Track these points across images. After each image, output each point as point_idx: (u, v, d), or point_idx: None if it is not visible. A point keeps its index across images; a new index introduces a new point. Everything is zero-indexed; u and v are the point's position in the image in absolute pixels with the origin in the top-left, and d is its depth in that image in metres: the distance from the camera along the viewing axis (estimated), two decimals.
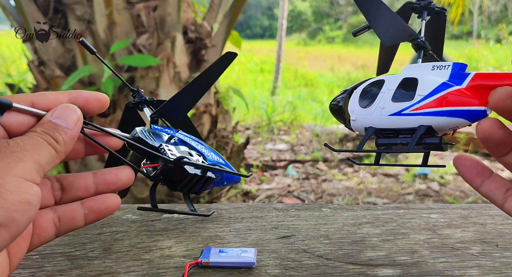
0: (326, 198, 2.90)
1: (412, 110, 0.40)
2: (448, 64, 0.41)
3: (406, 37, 0.44)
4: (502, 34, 11.01)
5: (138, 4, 2.30)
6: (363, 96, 0.44)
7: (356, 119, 0.44)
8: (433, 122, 0.39)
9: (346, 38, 21.08)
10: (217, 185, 0.54)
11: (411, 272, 0.47)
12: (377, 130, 0.42)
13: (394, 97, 0.41)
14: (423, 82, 0.40)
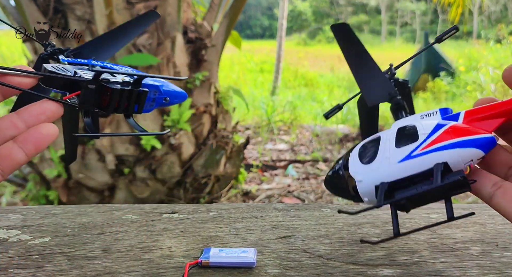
0: (326, 198, 2.90)
1: (422, 149, 0.37)
2: (435, 111, 0.40)
3: (386, 95, 0.42)
4: (502, 34, 11.00)
5: (138, 4, 2.30)
6: (363, 154, 0.40)
7: (363, 180, 0.39)
8: (447, 157, 0.36)
9: None
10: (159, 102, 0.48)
11: (411, 272, 0.47)
12: (390, 185, 0.38)
13: (397, 144, 0.38)
14: (421, 125, 0.38)
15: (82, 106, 0.42)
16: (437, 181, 0.35)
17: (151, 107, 0.47)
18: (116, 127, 2.24)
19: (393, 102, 0.42)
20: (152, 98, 0.47)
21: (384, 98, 0.42)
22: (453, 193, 0.37)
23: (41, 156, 2.40)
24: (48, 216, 0.60)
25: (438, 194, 0.37)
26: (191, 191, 2.41)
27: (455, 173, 0.36)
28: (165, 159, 2.31)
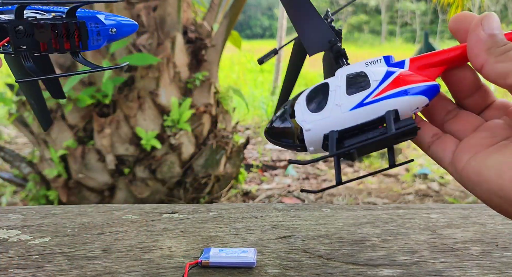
0: (326, 198, 2.90)
1: (374, 97, 0.37)
2: (379, 58, 0.39)
3: (327, 43, 0.40)
4: None
5: (138, 4, 2.30)
6: (310, 102, 0.39)
7: (312, 128, 0.38)
8: (398, 105, 0.36)
9: (346, 38, 21.06)
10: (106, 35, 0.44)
11: (411, 272, 0.47)
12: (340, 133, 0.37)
13: (348, 91, 0.37)
14: (371, 71, 0.38)
15: (17, 52, 0.38)
16: (391, 129, 0.35)
17: (99, 42, 0.43)
18: (116, 127, 2.24)
19: (334, 50, 0.40)
20: (96, 32, 0.43)
21: (325, 47, 0.41)
22: (399, 140, 0.37)
23: (41, 156, 2.40)
24: (48, 216, 0.60)
25: (387, 142, 0.37)
26: (191, 191, 2.41)
27: (406, 120, 0.36)
28: (165, 159, 2.31)
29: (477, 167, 0.35)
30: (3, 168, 3.16)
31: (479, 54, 0.36)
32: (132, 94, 2.25)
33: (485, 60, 0.35)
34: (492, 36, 0.36)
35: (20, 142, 4.08)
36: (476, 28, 0.37)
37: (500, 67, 0.34)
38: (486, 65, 0.35)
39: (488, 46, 0.35)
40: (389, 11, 22.67)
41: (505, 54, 0.35)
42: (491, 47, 0.35)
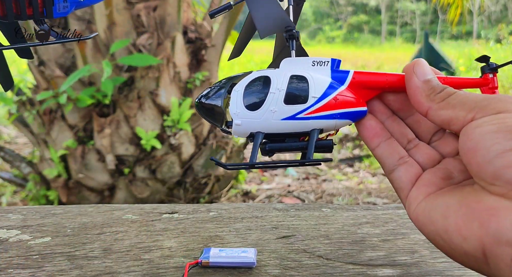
0: (326, 198, 2.90)
1: (307, 114, 0.38)
2: (327, 60, 0.41)
3: (282, 28, 0.40)
4: (502, 34, 11.01)
5: (138, 4, 2.30)
6: (248, 96, 0.39)
7: (242, 123, 0.39)
8: (325, 125, 0.39)
9: (346, 38, 21.08)
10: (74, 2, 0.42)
11: (411, 272, 0.47)
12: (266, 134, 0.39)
13: (286, 100, 0.38)
14: (313, 81, 0.39)
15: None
16: (311, 146, 0.38)
17: (66, 10, 0.41)
18: (116, 127, 2.24)
19: (289, 34, 0.41)
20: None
21: (279, 31, 0.42)
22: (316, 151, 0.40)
23: (41, 156, 2.40)
24: (48, 216, 0.60)
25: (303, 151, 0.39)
26: (191, 191, 2.41)
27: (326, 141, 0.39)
28: (165, 159, 2.31)
29: (427, 208, 0.36)
30: (3, 168, 3.16)
31: (420, 102, 0.37)
32: (132, 94, 2.25)
33: (428, 107, 0.37)
34: (427, 82, 0.38)
35: (20, 142, 4.08)
36: (410, 76, 0.38)
37: (443, 114, 0.36)
38: (430, 112, 0.37)
39: (426, 92, 0.37)
40: (389, 11, 22.67)
41: (445, 101, 0.36)
42: (430, 93, 0.37)
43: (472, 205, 0.32)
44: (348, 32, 22.29)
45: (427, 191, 0.37)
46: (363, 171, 3.55)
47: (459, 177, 0.38)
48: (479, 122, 0.33)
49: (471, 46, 10.60)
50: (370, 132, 0.40)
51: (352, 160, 3.80)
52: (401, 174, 0.39)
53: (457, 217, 0.33)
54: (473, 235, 0.31)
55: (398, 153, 0.40)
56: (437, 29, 18.65)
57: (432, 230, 0.35)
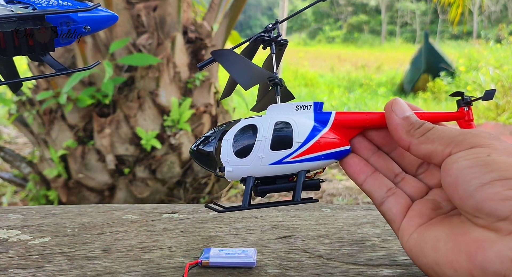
0: (326, 198, 2.90)
1: (293, 158, 0.41)
2: (309, 104, 0.43)
3: (264, 79, 0.44)
4: (502, 34, 11.01)
5: (138, 4, 2.30)
6: (237, 144, 0.42)
7: (233, 170, 0.42)
8: (311, 166, 0.42)
9: (346, 38, 21.09)
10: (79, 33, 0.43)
11: (411, 272, 0.47)
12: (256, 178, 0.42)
13: (272, 146, 0.41)
14: (297, 126, 0.42)
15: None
16: (299, 186, 0.41)
17: (69, 40, 0.42)
18: (116, 127, 2.24)
19: (272, 83, 0.44)
20: (67, 30, 0.41)
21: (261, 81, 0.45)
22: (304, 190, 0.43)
23: (41, 156, 2.40)
24: (48, 216, 0.60)
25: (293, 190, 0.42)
26: (191, 191, 2.41)
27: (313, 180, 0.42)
28: (165, 159, 2.31)
29: (418, 240, 0.37)
30: (3, 168, 3.16)
31: (401, 138, 0.39)
32: (132, 94, 2.25)
33: (409, 142, 0.39)
34: (406, 119, 0.40)
35: (20, 142, 4.08)
36: (390, 115, 0.41)
37: (423, 148, 0.38)
38: (411, 147, 0.39)
39: (406, 129, 0.39)
40: (389, 11, 22.67)
41: (425, 136, 0.38)
42: (409, 129, 0.39)
43: (459, 238, 0.34)
44: (348, 32, 22.30)
45: (418, 222, 0.38)
46: None
47: (447, 206, 0.39)
48: (454, 157, 0.35)
49: (471, 46, 10.60)
50: (354, 169, 0.42)
51: None
52: (391, 205, 0.40)
53: (446, 250, 0.34)
54: (462, 267, 0.32)
55: (385, 185, 0.41)
56: (437, 29, 18.65)
57: (425, 263, 0.36)
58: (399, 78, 7.96)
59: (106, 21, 0.45)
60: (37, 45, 0.39)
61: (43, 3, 0.41)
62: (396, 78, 8.20)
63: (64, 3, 0.42)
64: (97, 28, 0.45)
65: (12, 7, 0.40)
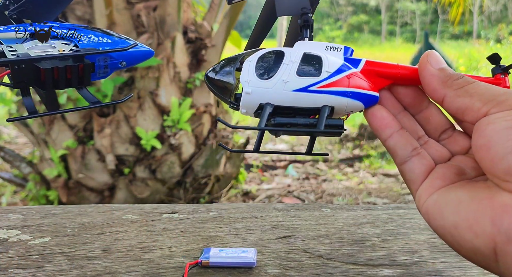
0: (326, 198, 2.90)
1: (320, 87, 0.37)
2: (340, 46, 0.40)
3: (299, 9, 0.40)
4: (502, 34, 11.01)
5: (138, 4, 2.30)
6: (261, 65, 0.38)
7: (252, 92, 0.37)
8: (336, 103, 0.37)
9: (346, 38, 21.08)
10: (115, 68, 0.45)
11: (411, 272, 0.47)
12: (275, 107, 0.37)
13: (299, 71, 0.37)
14: (327, 59, 0.38)
15: (17, 85, 0.38)
16: (321, 124, 0.36)
17: (105, 74, 0.44)
18: (116, 127, 2.24)
19: (303, 19, 0.40)
20: (104, 66, 0.43)
21: (295, 12, 0.41)
22: (323, 134, 0.38)
23: (41, 156, 2.40)
24: (48, 216, 0.60)
25: (313, 133, 0.38)
26: (191, 191, 2.41)
27: (336, 120, 0.37)
28: (165, 159, 2.31)
29: (438, 201, 0.35)
30: (3, 168, 3.16)
31: (436, 89, 0.37)
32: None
33: (444, 94, 0.37)
34: (442, 70, 0.37)
35: (20, 142, 4.08)
36: (425, 65, 0.38)
37: (460, 101, 0.35)
38: (446, 99, 0.36)
39: (443, 79, 0.37)
40: (389, 11, 22.67)
41: (464, 88, 0.36)
42: (447, 80, 0.37)
43: (484, 201, 0.32)
44: (348, 32, 22.29)
45: (440, 184, 0.36)
46: (363, 171, 3.54)
47: (471, 173, 0.37)
48: (492, 117, 0.32)
49: (471, 46, 10.60)
50: (381, 122, 0.39)
51: (352, 160, 3.80)
52: (414, 165, 0.38)
53: (468, 212, 0.32)
54: (484, 232, 0.31)
55: (411, 144, 0.39)
56: (437, 29, 18.65)
57: (441, 225, 0.34)
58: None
59: (142, 56, 0.46)
60: (75, 80, 0.41)
61: (84, 40, 0.43)
62: None
63: (104, 40, 0.43)
64: (132, 63, 0.46)
65: (55, 43, 0.42)
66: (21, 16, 0.41)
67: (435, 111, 0.41)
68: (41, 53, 0.40)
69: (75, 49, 0.42)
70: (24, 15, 0.41)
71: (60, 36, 0.42)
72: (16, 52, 0.39)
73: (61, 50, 0.41)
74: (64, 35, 0.42)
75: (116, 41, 0.44)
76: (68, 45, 0.42)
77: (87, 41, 0.43)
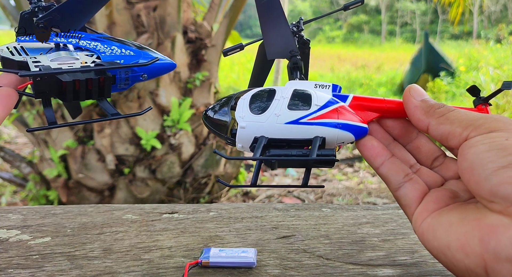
0: (326, 198, 2.90)
1: (310, 119, 0.39)
2: (328, 84, 0.42)
3: (287, 52, 0.42)
4: (502, 34, 11.01)
5: (138, 4, 2.30)
6: (254, 102, 0.40)
7: (247, 127, 0.39)
8: (327, 134, 0.39)
9: (346, 38, 21.09)
10: (136, 80, 0.46)
11: (411, 272, 0.47)
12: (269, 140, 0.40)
13: (290, 105, 0.40)
14: (316, 95, 0.40)
15: (38, 96, 0.39)
16: (313, 154, 0.38)
17: (126, 86, 0.45)
18: (116, 127, 2.24)
19: (292, 61, 0.43)
20: (125, 78, 0.44)
21: (284, 55, 0.43)
22: (316, 165, 0.40)
23: (41, 156, 2.40)
24: (48, 216, 0.60)
25: (306, 163, 0.39)
26: (191, 191, 2.41)
27: (328, 150, 0.39)
28: (165, 159, 2.31)
29: (432, 224, 0.36)
30: (3, 168, 3.16)
31: (420, 119, 0.39)
32: (132, 94, 2.25)
33: (428, 123, 0.39)
34: (424, 101, 0.40)
35: (20, 142, 4.08)
36: (408, 98, 0.41)
37: (442, 128, 0.38)
38: (430, 127, 0.39)
39: (425, 109, 0.39)
40: (389, 11, 22.67)
41: (445, 116, 0.38)
42: (429, 110, 0.39)
43: (473, 222, 0.33)
44: (348, 32, 22.30)
45: (434, 207, 0.38)
46: (363, 171, 3.54)
47: (464, 196, 0.39)
48: (472, 142, 0.34)
49: (471, 46, 10.60)
50: (373, 152, 0.41)
51: (352, 160, 3.80)
52: (407, 191, 0.40)
53: (459, 234, 0.33)
54: (474, 251, 0.32)
55: (403, 170, 0.41)
56: (437, 29, 18.65)
57: (435, 246, 0.35)
58: (399, 78, 7.95)
59: (164, 69, 0.47)
60: (95, 91, 0.42)
61: (107, 52, 0.44)
62: (396, 78, 8.19)
63: (126, 52, 0.44)
64: (154, 76, 0.47)
65: (78, 54, 0.43)
66: (49, 25, 0.41)
67: (425, 140, 0.43)
68: (63, 65, 0.41)
69: (98, 62, 0.42)
70: (52, 23, 0.41)
71: (84, 48, 0.43)
72: (39, 64, 0.40)
73: (84, 62, 0.42)
74: (88, 46, 0.43)
75: (138, 53, 0.45)
76: (91, 57, 0.43)
77: (110, 53, 0.44)
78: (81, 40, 0.43)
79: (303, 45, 0.44)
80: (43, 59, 0.41)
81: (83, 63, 0.41)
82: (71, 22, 0.42)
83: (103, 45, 0.44)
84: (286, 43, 0.42)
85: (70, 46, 0.43)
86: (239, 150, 0.42)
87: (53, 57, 0.41)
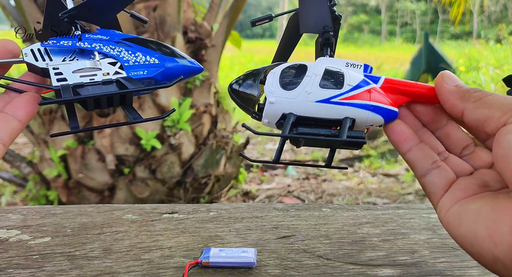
0: (326, 198, 2.90)
1: (342, 99, 0.38)
2: (360, 64, 0.41)
3: (321, 27, 0.41)
4: (502, 34, 11.01)
5: (138, 4, 2.30)
6: (284, 77, 0.39)
7: (276, 102, 0.38)
8: (358, 115, 0.38)
9: (346, 38, 21.08)
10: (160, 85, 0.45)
11: (411, 272, 0.47)
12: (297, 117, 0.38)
13: (322, 83, 0.38)
14: (348, 74, 0.39)
15: (61, 102, 0.39)
16: (343, 134, 0.37)
17: (148, 91, 0.45)
18: (116, 127, 2.24)
19: (325, 37, 0.42)
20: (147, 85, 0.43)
21: (318, 30, 0.42)
22: (344, 148, 0.39)
23: (41, 156, 2.40)
24: (48, 216, 0.60)
25: (334, 144, 0.39)
26: (191, 191, 2.41)
27: (358, 132, 0.38)
28: (165, 159, 2.31)
29: (458, 211, 0.35)
30: (3, 168, 3.16)
31: (455, 105, 0.38)
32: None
33: (463, 107, 0.37)
34: (459, 87, 0.38)
35: (20, 142, 4.08)
36: (441, 84, 0.39)
37: (479, 113, 0.36)
38: (466, 112, 0.37)
39: (460, 94, 0.38)
40: (389, 11, 22.67)
41: (482, 100, 0.36)
42: (464, 95, 0.38)
43: (504, 211, 0.32)
44: (348, 32, 22.29)
45: (461, 195, 0.37)
46: (363, 171, 3.54)
47: (495, 186, 0.37)
48: (510, 127, 0.32)
49: (471, 46, 10.60)
50: (401, 136, 0.40)
51: (352, 160, 3.80)
52: (434, 178, 0.39)
53: (488, 222, 0.32)
54: (504, 241, 0.31)
55: (431, 157, 0.39)
56: (437, 29, 18.65)
57: (462, 235, 0.34)
58: (399, 77, 7.95)
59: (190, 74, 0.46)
60: (116, 101, 0.42)
61: (130, 61, 0.43)
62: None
63: (151, 61, 0.43)
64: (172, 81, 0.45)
65: (101, 63, 0.41)
66: (74, 17, 0.41)
67: (455, 127, 0.41)
68: (84, 79, 0.40)
69: (120, 74, 0.41)
70: (78, 17, 0.41)
71: (108, 55, 0.42)
72: (61, 76, 0.39)
73: (106, 74, 0.41)
74: (111, 53, 0.42)
75: (163, 60, 0.43)
76: (113, 66, 0.42)
77: (134, 61, 0.43)
78: (105, 44, 0.42)
79: (334, 20, 0.42)
80: (65, 70, 0.40)
81: (105, 75, 0.41)
82: (99, 16, 0.42)
83: (128, 51, 0.43)
84: (321, 18, 0.41)
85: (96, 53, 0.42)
86: (264, 125, 0.40)
87: (76, 67, 0.40)
